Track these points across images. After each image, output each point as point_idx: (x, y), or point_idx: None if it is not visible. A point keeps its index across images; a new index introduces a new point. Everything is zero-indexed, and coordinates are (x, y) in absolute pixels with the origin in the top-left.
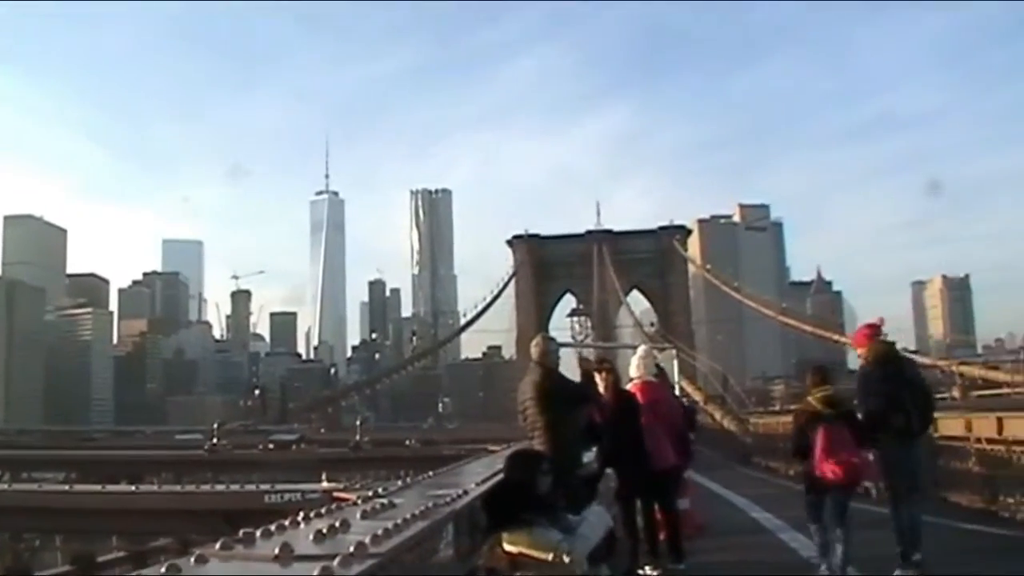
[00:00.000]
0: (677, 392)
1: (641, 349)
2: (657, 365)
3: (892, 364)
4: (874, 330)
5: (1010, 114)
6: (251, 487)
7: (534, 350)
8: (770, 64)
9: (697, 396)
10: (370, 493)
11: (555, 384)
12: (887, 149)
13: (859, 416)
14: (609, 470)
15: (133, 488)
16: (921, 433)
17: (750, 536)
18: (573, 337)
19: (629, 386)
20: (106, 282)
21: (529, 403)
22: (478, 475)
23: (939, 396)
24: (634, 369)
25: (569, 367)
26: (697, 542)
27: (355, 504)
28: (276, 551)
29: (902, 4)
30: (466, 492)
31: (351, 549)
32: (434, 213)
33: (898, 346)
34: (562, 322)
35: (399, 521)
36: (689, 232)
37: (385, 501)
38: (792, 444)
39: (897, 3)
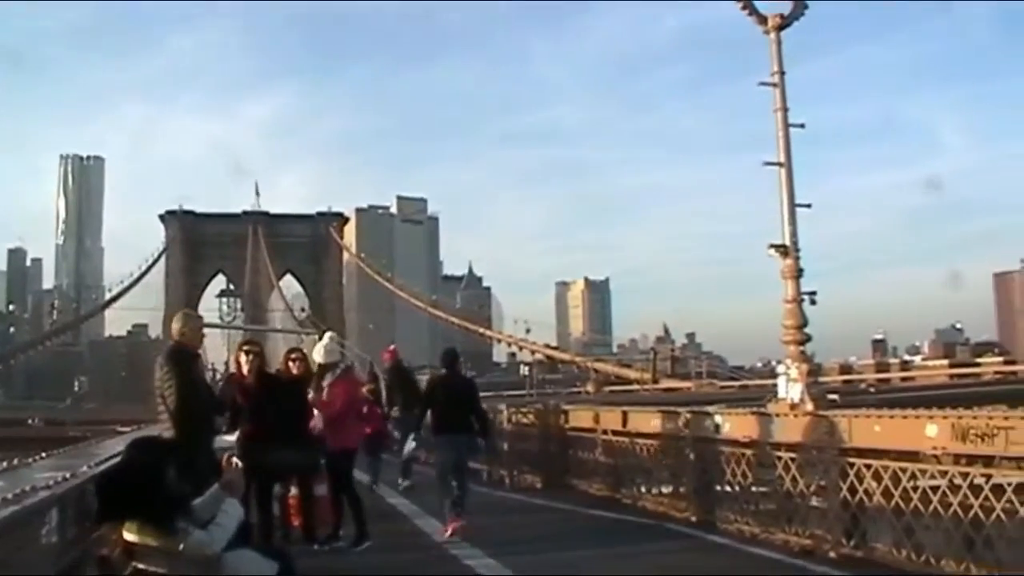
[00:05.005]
0: None
1: (327, 337)
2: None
3: (401, 373)
4: (395, 352)
5: (652, 137)
6: None
7: (174, 326)
8: (443, 63)
9: None
10: None
11: (183, 363)
12: (543, 157)
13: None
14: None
15: None
16: (409, 409)
17: (387, 522)
18: (221, 318)
19: (335, 374)
20: None
21: (158, 383)
22: (94, 457)
23: (575, 390)
24: (321, 355)
25: (214, 347)
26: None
27: None
28: None
29: (579, 24)
30: (75, 475)
31: None
32: (84, 181)
33: (540, 342)
34: (213, 302)
35: None
36: (346, 220)
37: None
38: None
39: (574, 23)
